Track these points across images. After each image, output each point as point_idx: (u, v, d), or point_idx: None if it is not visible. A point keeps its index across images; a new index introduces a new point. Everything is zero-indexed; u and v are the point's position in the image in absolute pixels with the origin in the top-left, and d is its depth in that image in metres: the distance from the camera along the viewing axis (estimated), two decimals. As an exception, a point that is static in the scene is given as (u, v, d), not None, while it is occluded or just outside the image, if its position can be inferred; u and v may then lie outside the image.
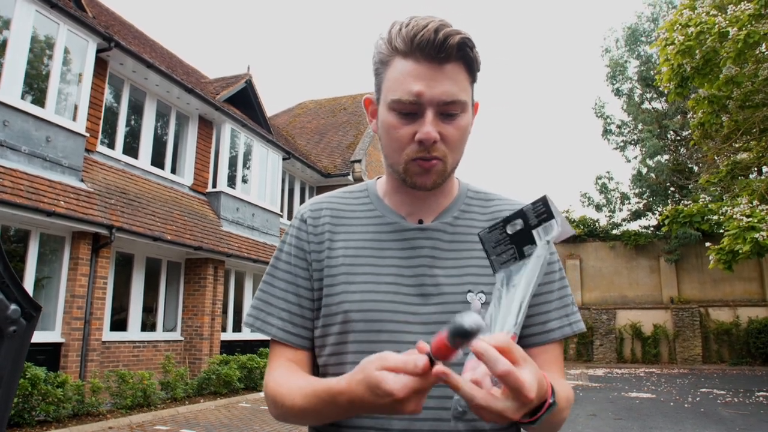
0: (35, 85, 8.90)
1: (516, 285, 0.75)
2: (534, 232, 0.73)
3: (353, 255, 0.97)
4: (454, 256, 0.97)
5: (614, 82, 27.01)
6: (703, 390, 13.10)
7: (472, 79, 0.94)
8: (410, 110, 0.90)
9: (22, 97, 8.42)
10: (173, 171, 12.21)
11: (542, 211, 0.72)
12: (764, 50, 9.84)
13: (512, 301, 0.74)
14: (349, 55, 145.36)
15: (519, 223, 0.75)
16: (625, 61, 26.71)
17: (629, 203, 26.73)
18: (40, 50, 8.90)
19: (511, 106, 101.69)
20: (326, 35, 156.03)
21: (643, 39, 25.82)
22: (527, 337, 0.97)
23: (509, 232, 0.75)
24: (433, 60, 0.88)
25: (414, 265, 0.96)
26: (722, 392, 12.66)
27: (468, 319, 0.64)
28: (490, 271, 0.94)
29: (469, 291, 0.94)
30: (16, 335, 1.10)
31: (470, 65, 0.92)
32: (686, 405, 10.61)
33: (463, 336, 0.64)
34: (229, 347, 12.44)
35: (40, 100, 8.78)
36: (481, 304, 0.92)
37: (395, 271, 0.95)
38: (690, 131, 13.99)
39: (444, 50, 0.87)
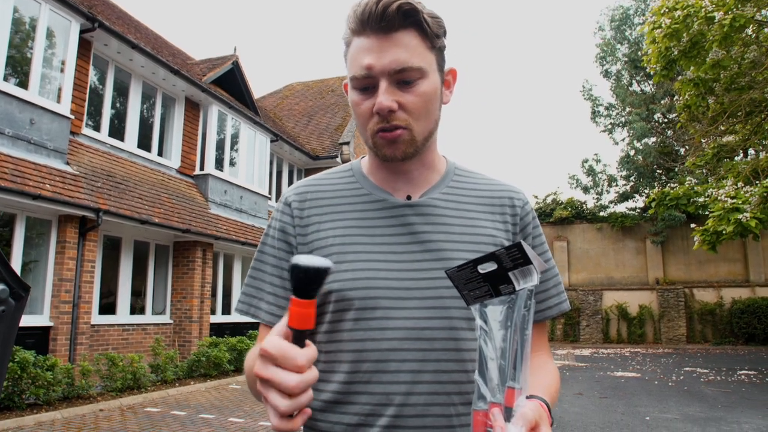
0: (18, 66, 8.73)
1: (508, 328, 0.73)
2: (510, 274, 0.73)
3: (342, 235, 0.97)
4: (444, 230, 0.97)
5: (603, 63, 26.96)
6: (687, 369, 13.34)
7: (431, 44, 0.93)
8: (366, 84, 0.91)
9: (5, 79, 8.27)
10: (160, 153, 12.09)
11: (518, 256, 0.72)
12: (750, 33, 9.87)
13: (506, 347, 0.72)
14: (336, 36, 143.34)
15: (491, 265, 0.74)
16: (616, 42, 26.64)
17: (616, 185, 26.84)
18: (22, 31, 8.72)
19: (500, 88, 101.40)
20: (314, 16, 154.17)
21: (634, 21, 25.75)
22: None
23: (481, 271, 0.74)
24: (379, 31, 0.89)
25: (405, 242, 0.95)
26: (705, 371, 12.90)
27: (303, 259, 0.59)
28: (480, 246, 0.96)
29: None
30: (5, 315, 1.09)
31: (422, 29, 0.91)
32: (670, 383, 10.81)
33: (304, 279, 0.58)
34: (218, 330, 12.46)
35: (23, 82, 8.62)
36: None
37: (386, 249, 0.95)
38: (677, 114, 14.04)
39: (385, 19, 0.87)
